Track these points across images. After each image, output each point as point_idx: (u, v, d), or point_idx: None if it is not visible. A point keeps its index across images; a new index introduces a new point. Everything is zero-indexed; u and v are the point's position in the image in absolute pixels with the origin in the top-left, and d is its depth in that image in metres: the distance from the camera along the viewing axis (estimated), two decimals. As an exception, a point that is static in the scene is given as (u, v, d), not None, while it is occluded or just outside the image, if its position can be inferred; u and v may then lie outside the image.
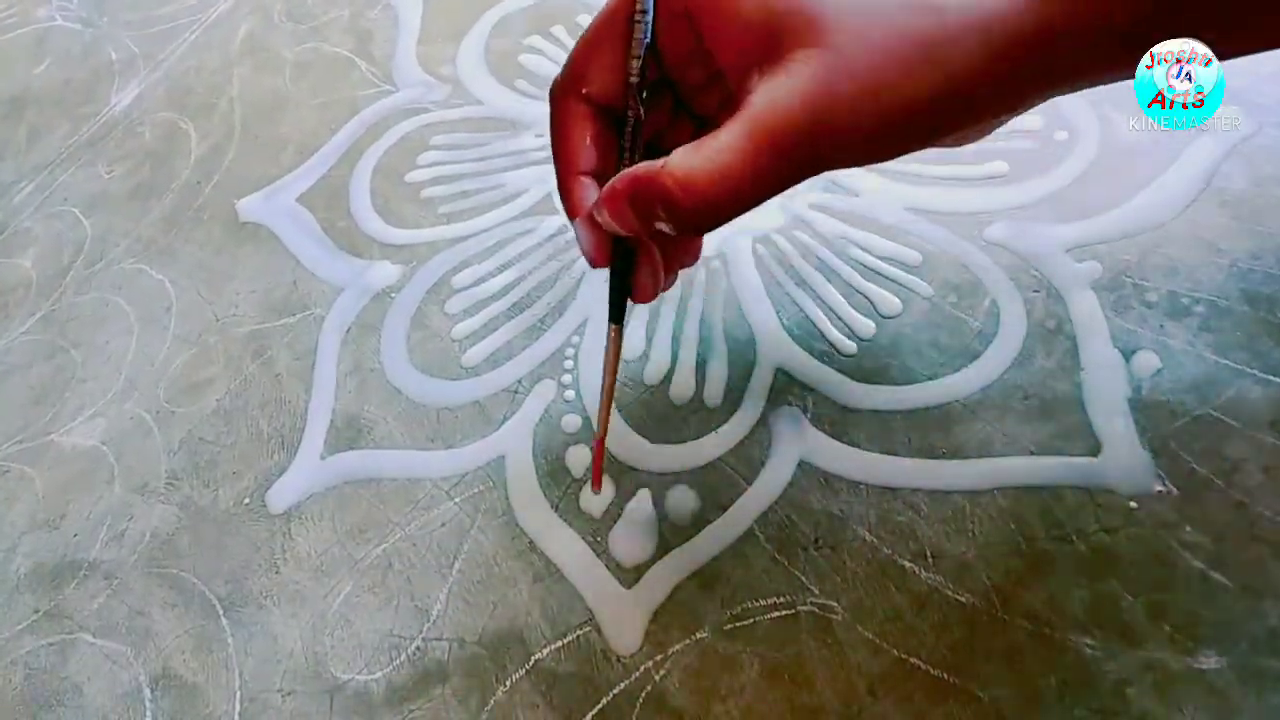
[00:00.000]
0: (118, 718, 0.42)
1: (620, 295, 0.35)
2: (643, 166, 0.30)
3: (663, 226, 0.30)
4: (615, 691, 0.37)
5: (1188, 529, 0.35)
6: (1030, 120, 0.46)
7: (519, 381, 0.47)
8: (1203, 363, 0.38)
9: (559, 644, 0.39)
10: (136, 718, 0.41)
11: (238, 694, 0.41)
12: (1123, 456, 0.37)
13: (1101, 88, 0.29)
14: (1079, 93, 0.28)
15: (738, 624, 0.37)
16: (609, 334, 0.35)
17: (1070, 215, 0.44)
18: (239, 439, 0.49)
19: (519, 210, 0.55)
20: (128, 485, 0.49)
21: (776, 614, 0.37)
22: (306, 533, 0.45)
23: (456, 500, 0.44)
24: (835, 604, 0.37)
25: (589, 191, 0.34)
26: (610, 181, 0.31)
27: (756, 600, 0.38)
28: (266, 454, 0.48)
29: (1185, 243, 0.41)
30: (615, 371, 0.36)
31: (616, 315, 0.35)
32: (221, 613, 0.44)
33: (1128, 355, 0.39)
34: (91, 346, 0.57)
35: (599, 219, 0.32)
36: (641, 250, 0.35)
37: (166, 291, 0.58)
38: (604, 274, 0.34)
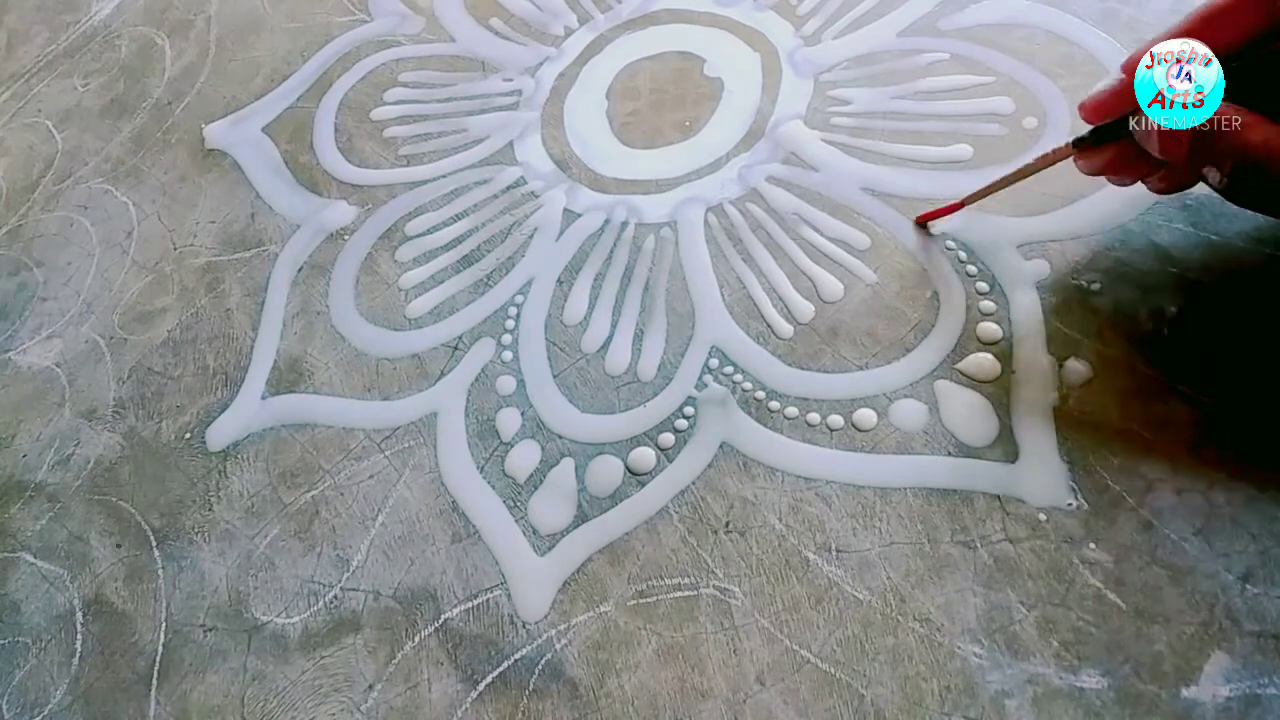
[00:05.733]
0: (50, 638, 0.43)
1: (1100, 136, 0.35)
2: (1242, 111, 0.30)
3: (1210, 171, 0.31)
4: (517, 656, 0.38)
5: (1091, 546, 0.34)
6: (1000, 103, 0.44)
7: (459, 337, 0.47)
8: (1135, 375, 0.37)
9: (469, 605, 0.39)
10: (68, 640, 0.43)
11: (163, 625, 0.42)
12: (1039, 466, 0.36)
13: (1077, 76, 0.27)
14: (1052, 77, 0.27)
15: (642, 600, 0.38)
16: (1064, 146, 0.36)
17: (1025, 209, 0.42)
18: (185, 372, 0.50)
19: (478, 158, 0.54)
20: (77, 410, 0.50)
21: (679, 594, 0.38)
22: (241, 473, 0.46)
23: (387, 454, 0.44)
24: (736, 589, 0.37)
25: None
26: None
27: (662, 579, 0.38)
28: (210, 390, 0.49)
29: (1139, 248, 0.40)
30: (1037, 170, 0.38)
31: (1081, 142, 0.36)
32: (155, 545, 0.45)
33: (1061, 361, 0.38)
34: (54, 266, 0.57)
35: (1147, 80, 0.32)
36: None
37: (130, 215, 0.58)
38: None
